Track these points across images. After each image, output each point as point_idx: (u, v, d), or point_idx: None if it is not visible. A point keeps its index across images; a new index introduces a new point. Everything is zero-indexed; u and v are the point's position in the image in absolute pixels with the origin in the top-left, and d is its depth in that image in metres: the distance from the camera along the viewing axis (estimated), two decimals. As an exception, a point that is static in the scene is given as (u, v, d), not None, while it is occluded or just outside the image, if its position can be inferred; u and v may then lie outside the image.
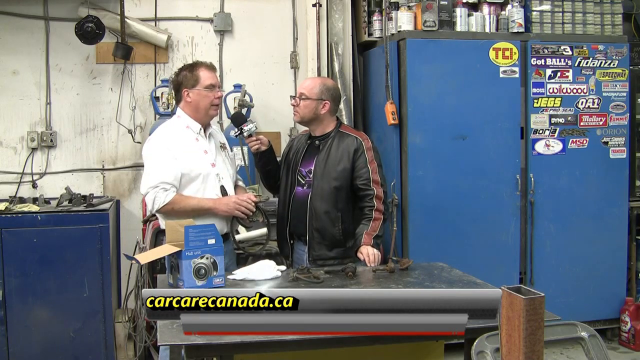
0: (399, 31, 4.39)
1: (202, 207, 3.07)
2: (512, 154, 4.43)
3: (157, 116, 4.55)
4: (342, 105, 4.54)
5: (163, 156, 3.06)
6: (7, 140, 4.57)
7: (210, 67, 3.21)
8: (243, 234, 3.30)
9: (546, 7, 4.51)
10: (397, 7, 4.46)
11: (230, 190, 3.21)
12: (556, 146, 4.50)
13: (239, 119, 3.34)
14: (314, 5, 4.72)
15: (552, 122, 4.48)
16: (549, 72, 4.46)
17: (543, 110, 4.46)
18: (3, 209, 3.89)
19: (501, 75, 4.38)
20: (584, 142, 4.54)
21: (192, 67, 3.18)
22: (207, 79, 3.15)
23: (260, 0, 4.87)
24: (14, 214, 3.85)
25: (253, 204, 3.16)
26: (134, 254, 3.68)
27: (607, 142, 4.57)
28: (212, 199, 3.12)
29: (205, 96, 3.14)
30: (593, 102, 4.55)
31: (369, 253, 3.06)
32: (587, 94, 4.53)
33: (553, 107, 4.48)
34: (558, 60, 4.47)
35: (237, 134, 3.33)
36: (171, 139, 3.11)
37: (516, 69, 4.40)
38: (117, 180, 4.71)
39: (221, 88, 3.35)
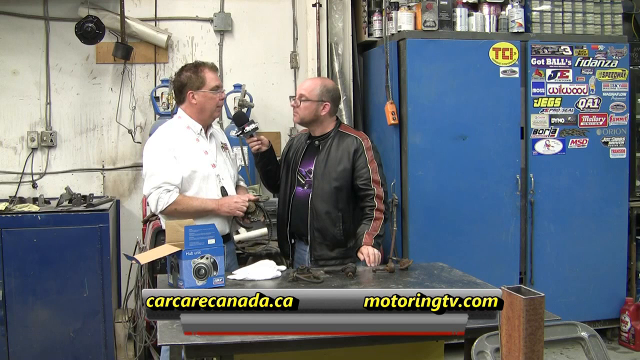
0: (399, 31, 4.39)
1: (205, 208, 3.06)
2: (512, 154, 4.43)
3: (157, 116, 4.55)
4: (342, 105, 4.54)
5: (165, 157, 3.05)
6: (7, 140, 4.57)
7: (213, 68, 3.20)
8: (243, 234, 3.31)
9: (546, 7, 4.51)
10: (397, 7, 4.46)
11: (231, 190, 3.20)
12: (556, 146, 4.50)
13: (241, 119, 3.34)
14: (314, 5, 4.71)
15: (552, 122, 4.48)
16: (549, 72, 4.46)
17: (543, 110, 4.46)
18: (3, 209, 3.89)
19: (501, 75, 4.38)
20: (584, 142, 4.53)
21: (196, 69, 3.14)
22: (212, 80, 3.14)
23: (260, 0, 4.87)
24: (14, 214, 3.85)
25: (252, 202, 3.16)
26: (134, 254, 3.68)
27: (607, 142, 4.57)
28: (214, 200, 3.10)
29: (211, 98, 3.13)
30: (593, 102, 4.54)
31: (369, 253, 3.06)
32: (587, 94, 4.53)
33: (553, 107, 4.48)
34: (558, 60, 4.47)
35: (238, 133, 3.33)
36: (172, 140, 3.10)
37: (516, 69, 4.40)
38: (117, 180, 4.71)
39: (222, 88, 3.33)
